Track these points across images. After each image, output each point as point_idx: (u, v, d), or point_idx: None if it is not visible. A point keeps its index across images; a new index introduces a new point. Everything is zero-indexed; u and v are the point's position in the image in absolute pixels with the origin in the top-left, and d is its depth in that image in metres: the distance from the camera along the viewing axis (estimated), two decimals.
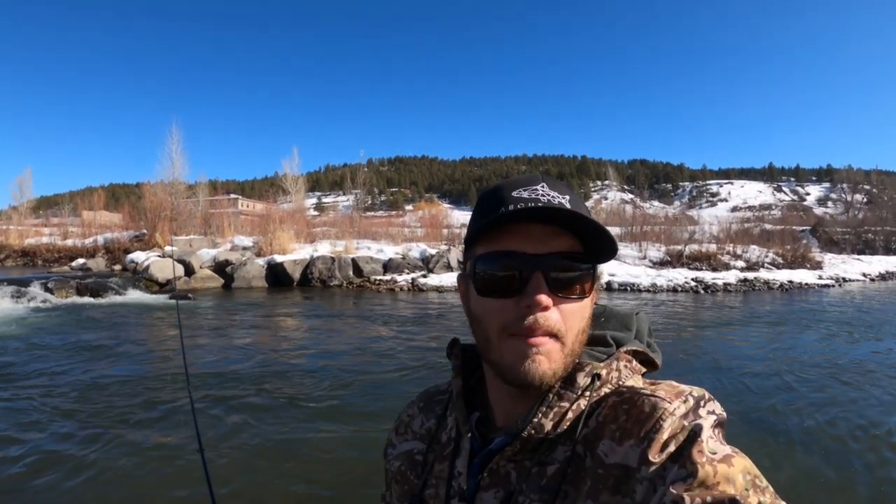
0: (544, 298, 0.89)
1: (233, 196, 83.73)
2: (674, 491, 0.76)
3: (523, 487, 0.92)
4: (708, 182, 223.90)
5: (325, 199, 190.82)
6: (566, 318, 0.92)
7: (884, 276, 32.17)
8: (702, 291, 22.09)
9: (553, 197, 0.94)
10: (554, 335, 0.91)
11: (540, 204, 0.92)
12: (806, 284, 25.42)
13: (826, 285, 26.00)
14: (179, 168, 36.01)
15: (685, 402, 0.88)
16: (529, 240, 0.92)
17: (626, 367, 1.00)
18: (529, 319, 0.89)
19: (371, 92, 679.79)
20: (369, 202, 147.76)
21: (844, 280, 28.74)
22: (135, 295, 17.78)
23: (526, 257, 0.91)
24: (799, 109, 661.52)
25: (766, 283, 24.64)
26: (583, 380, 0.95)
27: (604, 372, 0.96)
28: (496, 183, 1.02)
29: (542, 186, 0.96)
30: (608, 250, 0.93)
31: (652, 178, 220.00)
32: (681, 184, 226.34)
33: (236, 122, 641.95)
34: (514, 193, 0.95)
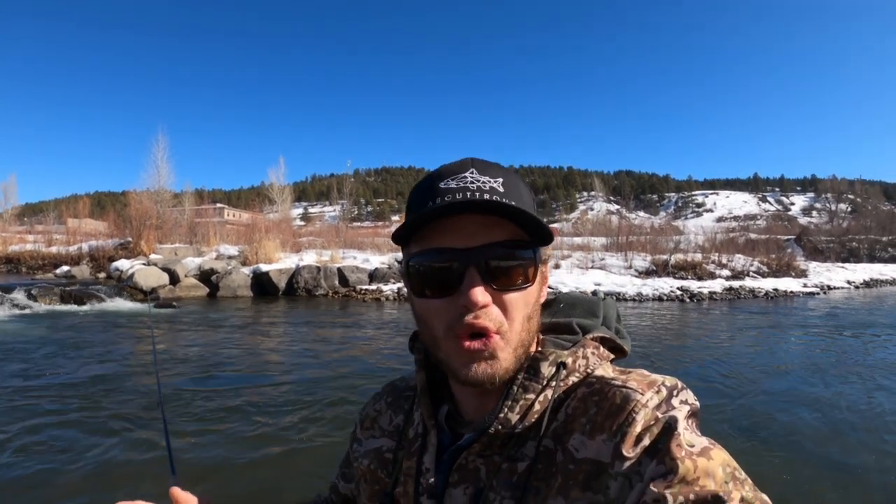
0: (481, 296, 0.86)
1: (218, 205, 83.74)
2: (654, 489, 0.73)
3: (493, 484, 0.90)
4: (693, 193, 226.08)
5: (311, 210, 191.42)
6: (508, 309, 0.89)
7: (868, 284, 32.58)
8: (687, 300, 22.12)
9: (483, 183, 0.90)
10: (497, 331, 0.88)
11: (468, 194, 0.88)
12: (791, 292, 25.56)
13: (811, 293, 26.17)
14: (165, 176, 36.09)
15: (658, 392, 0.85)
16: (460, 234, 0.88)
17: (593, 353, 0.97)
18: (469, 318, 0.86)
19: (358, 102, 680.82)
20: (355, 213, 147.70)
21: (829, 288, 28.99)
22: (119, 303, 17.61)
23: (457, 253, 0.88)
24: (784, 120, 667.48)
25: (752, 291, 24.76)
26: (547, 369, 0.92)
27: (569, 360, 0.94)
28: (428, 173, 0.98)
29: (472, 173, 0.92)
30: (545, 234, 0.89)
31: (638, 189, 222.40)
32: (666, 194, 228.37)
33: (223, 131, 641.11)
34: (442, 184, 0.91)
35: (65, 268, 24.78)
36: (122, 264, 22.41)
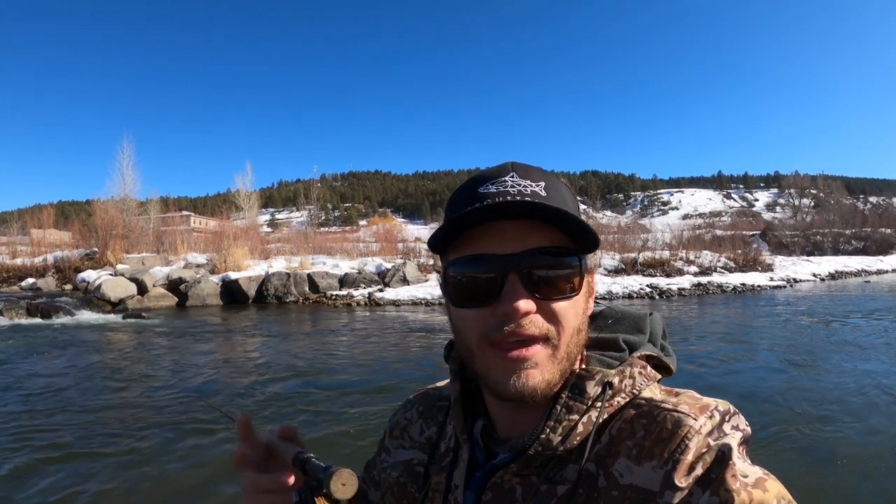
0: (523, 303, 0.80)
1: (185, 213, 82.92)
2: None
3: None
4: (659, 191, 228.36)
5: (278, 216, 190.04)
6: (555, 318, 0.83)
7: (833, 276, 33.24)
8: (657, 297, 22.44)
9: (524, 187, 0.85)
10: (543, 339, 0.83)
11: (508, 198, 0.83)
12: (758, 286, 26.04)
13: (778, 286, 26.69)
14: (131, 184, 35.39)
15: (711, 417, 0.81)
16: (501, 239, 0.83)
17: (640, 373, 0.91)
18: (510, 327, 0.81)
19: (324, 106, 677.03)
20: (323, 218, 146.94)
21: (795, 281, 29.58)
22: (87, 315, 17.37)
23: (497, 259, 0.83)
24: (746, 118, 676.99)
25: (720, 286, 25.15)
26: (593, 389, 0.87)
27: (616, 380, 0.88)
28: (467, 179, 0.92)
29: (512, 177, 0.87)
30: (589, 239, 0.84)
31: (604, 189, 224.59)
32: (632, 193, 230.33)
33: (188, 137, 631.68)
34: (482, 189, 0.87)
35: (30, 280, 24.45)
36: (89, 275, 22.09)
